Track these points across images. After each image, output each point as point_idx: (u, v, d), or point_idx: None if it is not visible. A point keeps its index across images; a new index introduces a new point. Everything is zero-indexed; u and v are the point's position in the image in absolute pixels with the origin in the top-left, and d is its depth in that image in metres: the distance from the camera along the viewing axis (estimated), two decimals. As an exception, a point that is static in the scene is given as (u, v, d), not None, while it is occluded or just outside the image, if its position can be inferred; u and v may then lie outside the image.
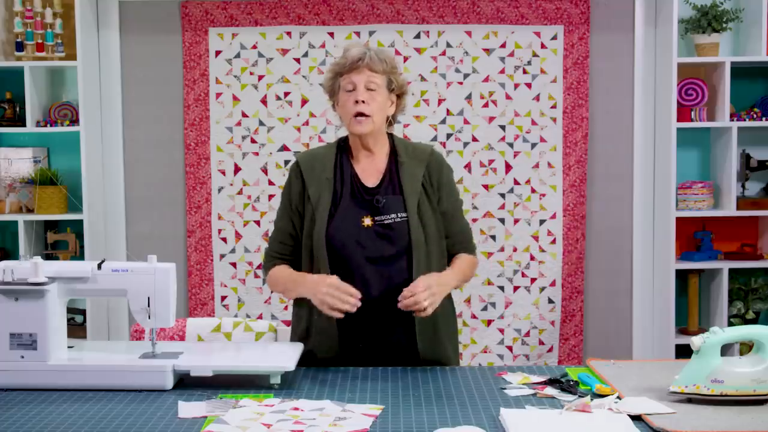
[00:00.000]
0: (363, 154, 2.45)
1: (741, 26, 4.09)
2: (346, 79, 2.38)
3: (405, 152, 2.46)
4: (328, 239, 2.35)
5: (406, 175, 2.41)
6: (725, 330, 1.97)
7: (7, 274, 2.17)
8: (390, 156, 2.46)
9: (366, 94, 2.36)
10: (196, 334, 2.64)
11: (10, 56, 4.03)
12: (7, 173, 4.08)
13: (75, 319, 4.07)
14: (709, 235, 4.12)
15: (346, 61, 2.38)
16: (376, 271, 2.36)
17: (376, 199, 2.38)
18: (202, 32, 4.12)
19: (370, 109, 2.36)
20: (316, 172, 2.43)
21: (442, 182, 2.46)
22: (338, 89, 2.42)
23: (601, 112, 4.16)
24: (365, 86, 2.36)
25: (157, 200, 4.19)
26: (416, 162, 2.44)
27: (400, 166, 2.43)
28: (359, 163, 2.45)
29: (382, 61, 2.39)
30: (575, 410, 1.92)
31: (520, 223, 4.17)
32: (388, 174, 2.43)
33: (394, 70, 2.43)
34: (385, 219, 2.37)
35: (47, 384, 2.13)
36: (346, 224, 2.35)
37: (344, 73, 2.39)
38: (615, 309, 4.21)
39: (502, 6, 4.10)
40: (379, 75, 2.38)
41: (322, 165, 2.44)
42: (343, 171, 2.44)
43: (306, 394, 2.08)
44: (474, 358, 4.17)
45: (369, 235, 2.36)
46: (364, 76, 2.37)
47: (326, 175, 2.42)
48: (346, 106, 2.38)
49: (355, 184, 2.42)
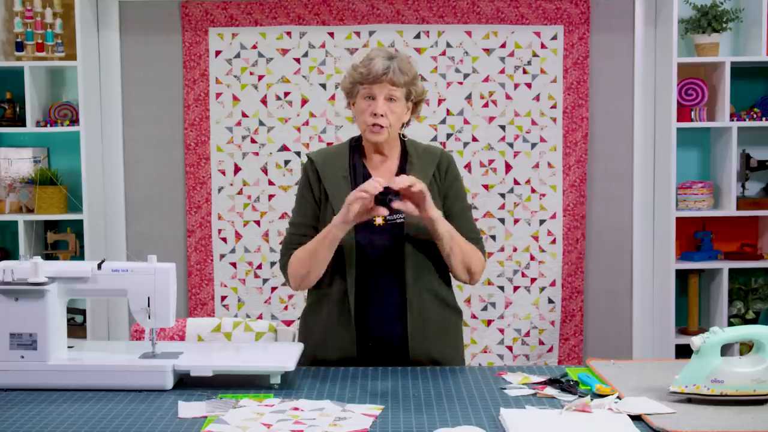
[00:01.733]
0: (376, 156, 2.47)
1: (741, 26, 4.09)
2: (366, 88, 2.37)
3: (416, 154, 2.48)
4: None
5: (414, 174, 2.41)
6: (725, 330, 1.96)
7: (7, 274, 2.17)
8: (401, 157, 2.48)
9: (385, 107, 2.36)
10: (196, 334, 2.64)
11: (10, 56, 4.03)
12: (7, 173, 4.08)
13: (75, 319, 4.07)
14: (709, 235, 4.12)
15: (369, 73, 2.36)
16: (385, 270, 2.38)
17: (389, 198, 2.38)
18: (202, 32, 4.12)
19: (387, 121, 2.37)
20: (331, 170, 2.45)
21: (451, 182, 2.49)
22: (356, 93, 2.42)
23: (601, 112, 4.16)
24: (385, 98, 2.36)
25: (157, 200, 4.19)
26: (426, 163, 2.46)
27: (410, 167, 2.44)
28: (372, 163, 2.47)
29: (404, 73, 2.37)
30: (575, 410, 1.92)
31: (520, 223, 4.18)
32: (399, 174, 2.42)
33: (414, 81, 2.42)
34: (397, 218, 2.38)
35: (47, 384, 2.13)
36: (359, 223, 2.35)
37: (365, 83, 2.37)
38: (615, 309, 4.21)
39: (502, 6, 4.10)
40: (400, 88, 2.37)
41: (337, 163, 2.46)
42: (356, 170, 2.45)
43: (306, 394, 2.08)
44: (474, 358, 4.17)
45: (380, 233, 2.38)
46: (385, 90, 2.36)
47: (342, 174, 2.44)
48: (364, 114, 2.38)
49: None
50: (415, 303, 2.39)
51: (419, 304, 2.40)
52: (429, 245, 2.39)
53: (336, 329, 2.40)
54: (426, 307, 2.41)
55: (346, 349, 2.39)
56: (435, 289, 2.44)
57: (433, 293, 2.43)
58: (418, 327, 2.40)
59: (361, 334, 2.40)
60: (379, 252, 2.38)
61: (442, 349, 2.45)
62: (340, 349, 2.39)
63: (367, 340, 2.40)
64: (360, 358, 2.39)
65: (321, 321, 2.44)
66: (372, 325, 2.39)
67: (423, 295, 2.41)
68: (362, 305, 2.39)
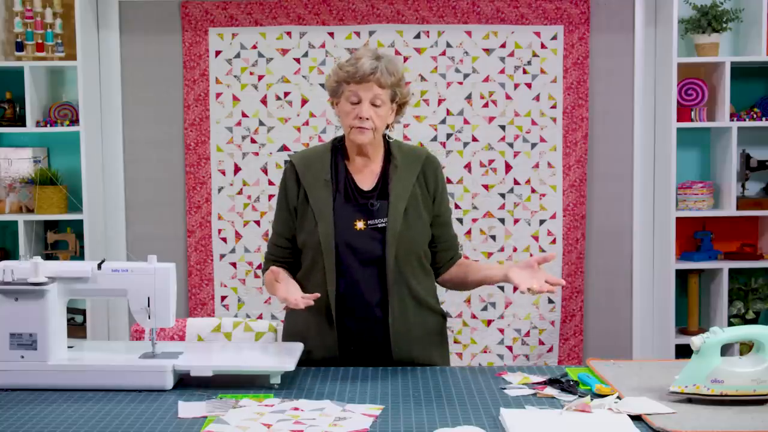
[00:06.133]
0: (359, 159, 2.44)
1: (741, 26, 4.09)
2: (352, 89, 2.34)
3: (400, 156, 2.45)
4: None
5: (397, 180, 2.41)
6: (725, 330, 1.97)
7: (7, 274, 2.17)
8: (385, 159, 2.45)
9: (371, 110, 2.34)
10: (196, 334, 2.64)
11: (10, 56, 4.03)
12: (7, 173, 4.07)
13: (75, 319, 4.07)
14: (709, 235, 4.12)
15: (356, 72, 2.32)
16: (366, 274, 2.36)
17: (370, 203, 2.38)
18: (202, 32, 4.13)
19: (371, 123, 2.35)
20: (313, 173, 2.43)
21: (438, 187, 2.47)
22: (341, 94, 2.38)
23: (601, 112, 4.16)
24: (371, 102, 2.34)
25: (157, 200, 4.19)
26: (410, 166, 2.44)
27: (393, 169, 2.42)
28: (355, 165, 2.44)
29: (391, 74, 2.34)
30: (575, 410, 1.92)
31: (520, 223, 4.18)
32: (383, 178, 2.43)
33: (400, 83, 2.39)
34: (378, 223, 2.37)
35: (47, 384, 2.13)
36: (339, 227, 2.35)
37: (351, 82, 2.34)
38: (615, 309, 4.21)
39: (502, 6, 4.10)
40: (385, 90, 2.35)
41: (318, 166, 2.43)
42: (338, 172, 2.43)
43: (306, 394, 2.08)
44: (474, 358, 4.17)
45: (361, 238, 2.37)
46: (371, 93, 2.33)
47: (324, 176, 2.41)
48: (349, 116, 2.36)
49: (349, 186, 2.41)
50: (396, 307, 2.38)
51: (401, 308, 2.39)
52: (410, 250, 2.39)
53: (318, 332, 2.39)
54: (408, 311, 2.40)
55: (329, 350, 2.39)
56: (417, 293, 2.42)
57: (414, 297, 2.42)
58: (400, 330, 2.39)
59: (343, 337, 2.39)
60: (361, 256, 2.36)
61: (426, 353, 2.44)
62: (323, 349, 2.39)
63: (349, 344, 2.39)
64: (343, 360, 2.38)
65: (303, 323, 2.43)
66: (354, 329, 2.39)
67: (405, 299, 2.40)
68: (343, 309, 2.38)
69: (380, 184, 2.42)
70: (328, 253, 2.35)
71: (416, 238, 2.41)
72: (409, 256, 2.39)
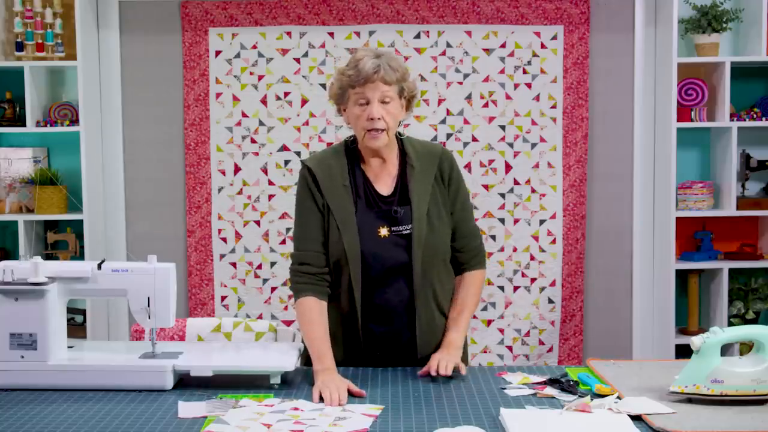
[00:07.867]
0: (374, 161, 2.38)
1: (741, 26, 4.09)
2: (358, 92, 2.28)
3: (415, 155, 2.40)
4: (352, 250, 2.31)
5: (416, 182, 2.36)
6: (725, 330, 1.97)
7: (7, 274, 2.17)
8: (400, 159, 2.40)
9: (381, 110, 2.27)
10: (196, 334, 2.64)
11: (10, 56, 4.03)
12: (7, 173, 4.07)
13: (75, 319, 4.07)
14: (709, 235, 4.12)
15: (359, 74, 2.25)
16: (392, 280, 2.33)
17: (394, 210, 2.33)
18: (202, 32, 4.12)
19: (384, 123, 2.28)
20: (331, 178, 2.36)
21: (457, 185, 2.43)
22: (347, 100, 2.33)
23: (601, 112, 4.16)
24: (380, 100, 2.28)
25: (157, 200, 4.19)
26: (427, 165, 2.39)
27: (410, 170, 2.37)
28: (371, 168, 2.39)
29: (395, 70, 2.29)
30: (575, 410, 1.92)
31: (520, 223, 4.18)
32: (401, 180, 2.37)
33: (405, 77, 2.33)
34: (402, 230, 2.33)
35: (47, 384, 2.13)
36: (363, 235, 2.31)
37: (356, 85, 2.28)
38: (615, 309, 4.21)
39: (502, 6, 4.10)
40: (392, 86, 2.28)
41: (336, 172, 2.36)
42: (355, 177, 2.37)
43: (306, 394, 2.08)
44: (474, 358, 4.17)
45: (385, 245, 2.33)
46: (378, 92, 2.27)
47: (343, 183, 2.35)
48: (360, 120, 2.30)
49: (369, 192, 2.36)
50: (423, 313, 2.36)
51: (427, 314, 2.37)
52: (435, 254, 2.36)
53: (343, 340, 2.37)
54: (434, 314, 2.39)
55: (355, 357, 2.37)
56: (439, 296, 2.41)
57: (437, 300, 2.40)
58: (426, 337, 2.37)
59: (369, 342, 2.37)
60: (386, 263, 2.32)
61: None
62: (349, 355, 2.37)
63: (375, 349, 2.37)
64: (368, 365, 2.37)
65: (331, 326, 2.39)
66: (379, 334, 2.36)
67: (430, 303, 2.38)
68: (369, 315, 2.35)
69: (399, 188, 2.37)
70: (354, 263, 2.30)
71: (440, 241, 2.37)
72: (434, 259, 2.36)
